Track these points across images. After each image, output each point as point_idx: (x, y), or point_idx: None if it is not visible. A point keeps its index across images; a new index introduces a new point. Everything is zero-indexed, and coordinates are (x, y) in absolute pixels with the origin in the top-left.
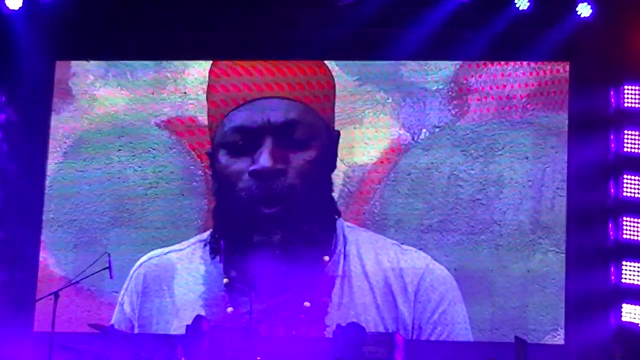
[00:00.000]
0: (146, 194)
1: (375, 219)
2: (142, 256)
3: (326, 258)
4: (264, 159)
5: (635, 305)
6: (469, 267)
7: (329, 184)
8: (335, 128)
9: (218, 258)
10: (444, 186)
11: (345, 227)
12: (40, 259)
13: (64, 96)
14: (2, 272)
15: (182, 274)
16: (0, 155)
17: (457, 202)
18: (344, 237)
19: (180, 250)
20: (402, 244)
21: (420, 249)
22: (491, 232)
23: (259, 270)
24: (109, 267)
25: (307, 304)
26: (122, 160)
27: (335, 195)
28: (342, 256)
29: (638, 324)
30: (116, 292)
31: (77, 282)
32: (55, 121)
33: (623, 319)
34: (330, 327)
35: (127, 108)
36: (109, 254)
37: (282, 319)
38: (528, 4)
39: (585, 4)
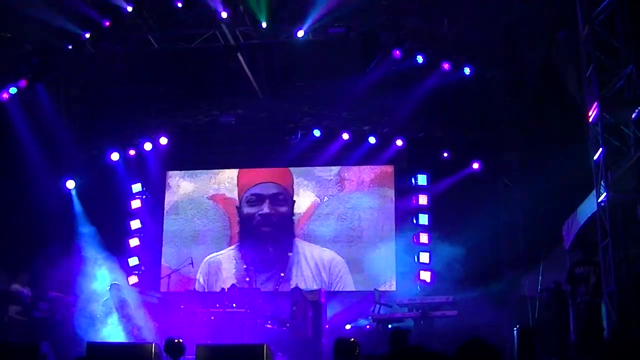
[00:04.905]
0: (203, 229)
1: (305, 234)
2: (205, 257)
3: (290, 254)
4: (265, 209)
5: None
6: (349, 256)
7: (292, 222)
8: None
9: (241, 255)
10: (335, 222)
11: (297, 240)
12: (162, 260)
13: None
14: (149, 264)
15: (224, 264)
16: (142, 212)
17: (341, 229)
18: (296, 245)
19: (223, 253)
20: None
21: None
22: (356, 241)
23: (261, 260)
24: (192, 263)
25: (282, 274)
26: (193, 214)
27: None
28: (297, 253)
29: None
30: (194, 275)
31: (178, 269)
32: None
33: (420, 278)
34: (293, 285)
35: (193, 190)
36: (192, 257)
37: (272, 281)
38: (374, 140)
39: (400, 139)
